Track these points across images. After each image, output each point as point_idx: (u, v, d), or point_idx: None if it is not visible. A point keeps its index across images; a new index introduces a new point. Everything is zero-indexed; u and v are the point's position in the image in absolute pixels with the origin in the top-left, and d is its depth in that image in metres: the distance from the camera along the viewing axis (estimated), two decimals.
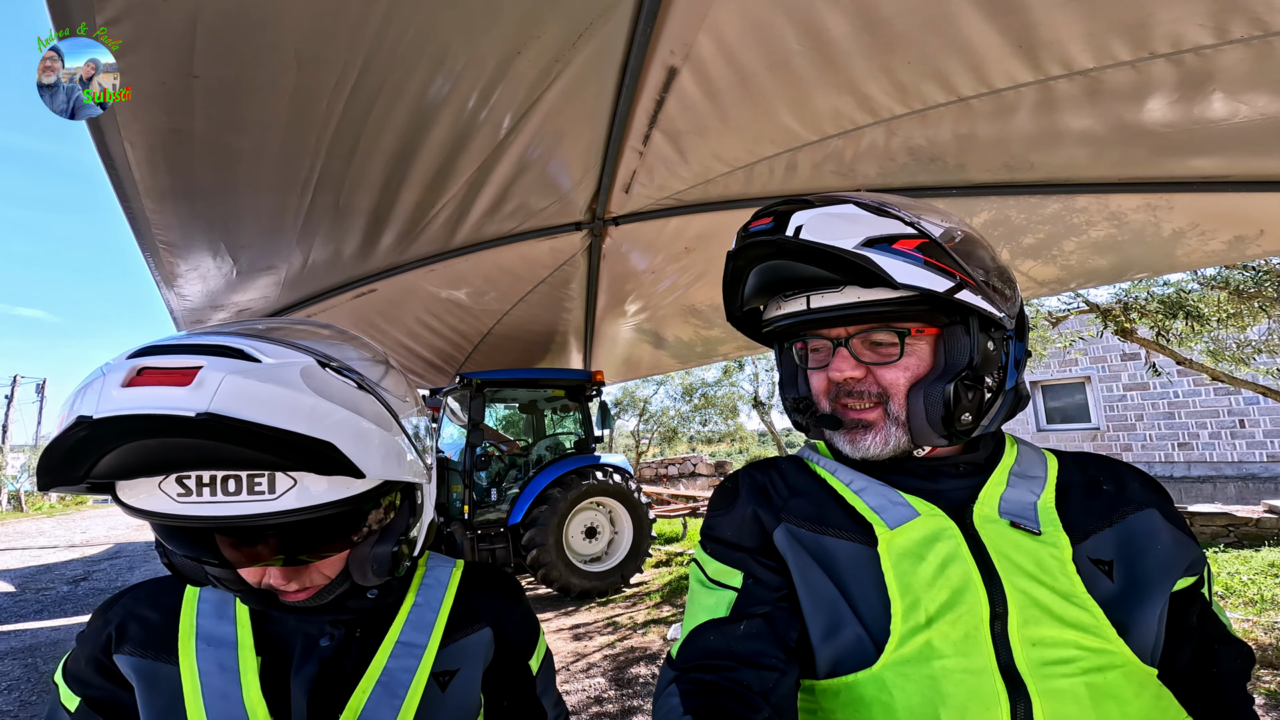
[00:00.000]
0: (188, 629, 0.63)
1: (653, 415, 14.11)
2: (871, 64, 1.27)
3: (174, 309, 2.10)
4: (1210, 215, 1.79)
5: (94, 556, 8.94)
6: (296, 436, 0.50)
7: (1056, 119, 1.35)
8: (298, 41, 1.02)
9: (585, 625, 4.49)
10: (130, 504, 0.52)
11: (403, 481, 0.63)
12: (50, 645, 4.69)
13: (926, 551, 0.59)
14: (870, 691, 0.56)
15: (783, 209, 0.64)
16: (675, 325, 3.71)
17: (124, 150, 1.19)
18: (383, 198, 1.68)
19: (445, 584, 0.74)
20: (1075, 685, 0.53)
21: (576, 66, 1.27)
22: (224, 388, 0.48)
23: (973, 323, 0.63)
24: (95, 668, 0.63)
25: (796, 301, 0.67)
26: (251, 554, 0.56)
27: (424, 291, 2.77)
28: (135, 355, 0.51)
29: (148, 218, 1.48)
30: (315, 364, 0.56)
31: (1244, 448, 8.96)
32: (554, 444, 5.82)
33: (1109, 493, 0.65)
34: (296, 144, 1.32)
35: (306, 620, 0.65)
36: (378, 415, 0.59)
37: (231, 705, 0.59)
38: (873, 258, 0.59)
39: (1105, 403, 10.21)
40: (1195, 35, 1.01)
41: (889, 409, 0.64)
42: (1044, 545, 0.59)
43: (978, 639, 0.55)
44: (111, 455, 0.48)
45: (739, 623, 0.60)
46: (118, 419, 0.46)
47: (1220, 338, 3.98)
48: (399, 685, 0.64)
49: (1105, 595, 0.57)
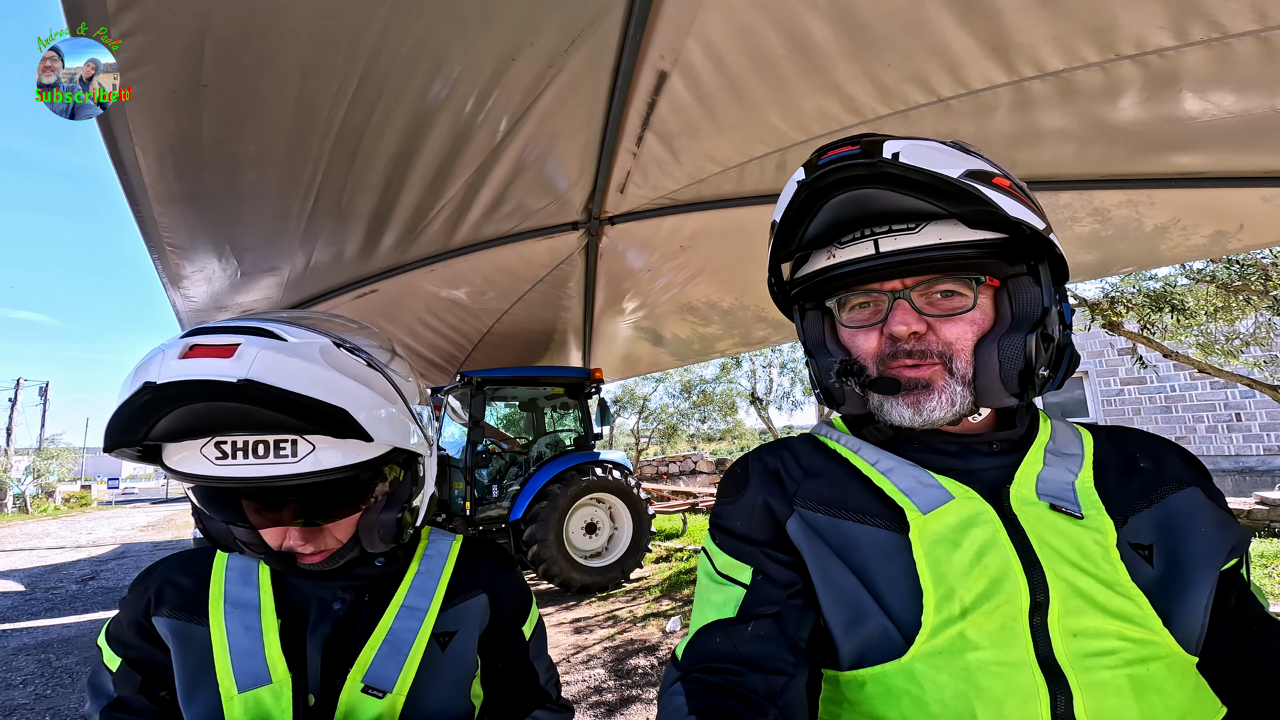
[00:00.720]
0: (217, 594, 0.70)
1: (652, 413, 14.16)
2: (854, 66, 1.31)
3: (179, 309, 2.15)
4: (1191, 210, 1.83)
5: (101, 557, 9.03)
6: (316, 402, 0.58)
7: (1033, 118, 1.40)
8: (301, 51, 1.07)
9: (585, 619, 4.55)
10: (176, 468, 0.61)
11: (406, 451, 0.70)
12: (62, 642, 4.76)
13: (962, 538, 0.54)
14: (899, 683, 0.53)
15: (869, 138, 0.58)
16: (673, 323, 3.76)
17: (135, 155, 1.24)
18: (383, 200, 1.73)
19: (445, 554, 0.81)
20: (1117, 677, 0.50)
21: (570, 71, 1.31)
22: (258, 360, 0.57)
23: (1044, 271, 0.59)
24: (136, 630, 0.69)
25: (860, 246, 0.60)
26: (274, 517, 0.64)
27: (424, 291, 2.82)
28: (186, 336, 0.60)
29: (156, 221, 1.53)
30: (331, 344, 0.64)
31: (1240, 441, 9.01)
32: (554, 441, 5.88)
33: (1147, 470, 0.61)
34: (300, 149, 1.37)
35: (321, 586, 0.72)
36: (385, 390, 0.67)
37: (255, 661, 0.66)
38: (980, 189, 0.55)
39: (1103, 397, 10.26)
40: (1157, 38, 1.05)
41: (953, 367, 0.59)
42: (1086, 530, 0.55)
43: (1015, 630, 0.51)
44: (167, 419, 0.58)
45: (747, 624, 0.57)
46: (176, 384, 0.56)
47: (1210, 331, 4.03)
48: (403, 644, 0.70)
49: (1147, 582, 0.53)
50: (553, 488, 5.09)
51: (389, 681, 0.68)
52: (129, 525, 13.66)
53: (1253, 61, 1.09)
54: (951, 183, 0.55)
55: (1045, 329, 0.57)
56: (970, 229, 0.57)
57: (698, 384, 13.33)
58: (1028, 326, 0.57)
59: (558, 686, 0.87)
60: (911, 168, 0.55)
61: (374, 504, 0.69)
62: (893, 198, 0.58)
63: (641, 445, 14.60)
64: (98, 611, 5.69)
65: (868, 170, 0.57)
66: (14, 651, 4.55)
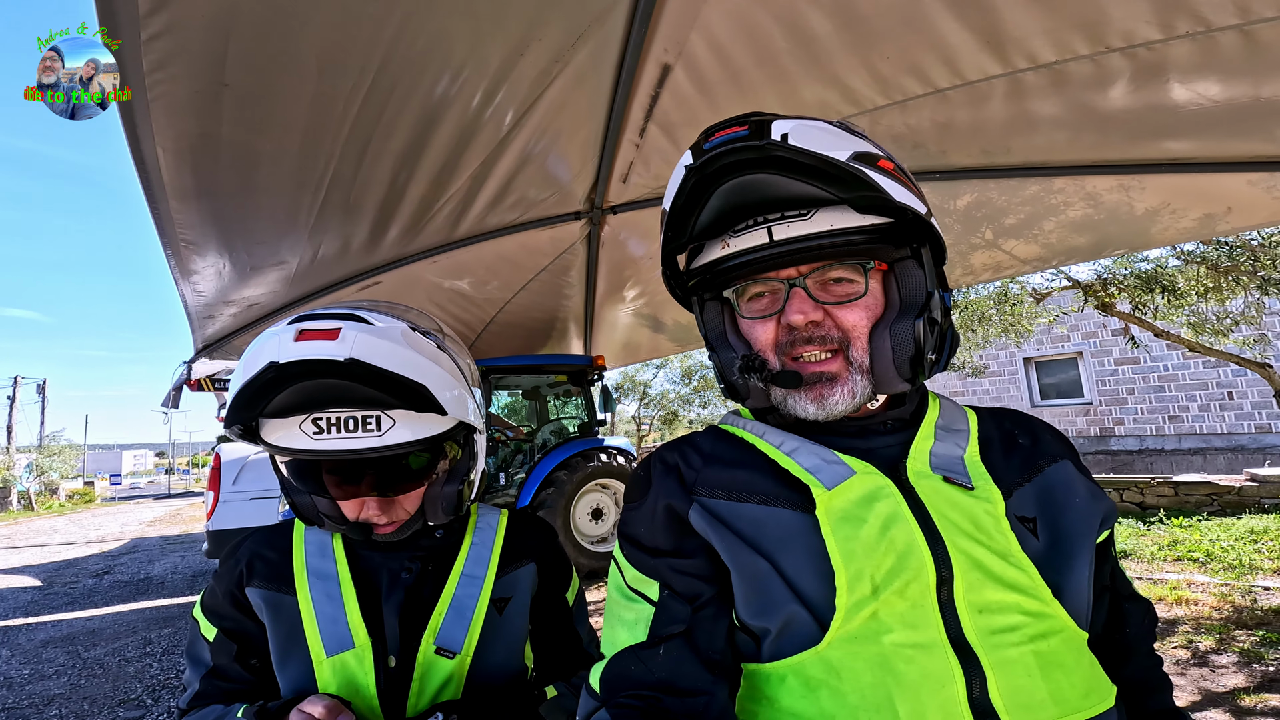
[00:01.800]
0: (300, 566, 0.77)
1: (653, 399, 14.25)
2: (853, 59, 1.35)
3: (188, 303, 2.20)
4: (1180, 194, 1.88)
5: (112, 551, 9.15)
6: (404, 379, 0.66)
7: (1028, 107, 1.44)
8: (320, 49, 1.10)
9: (595, 603, 4.65)
10: (277, 444, 0.68)
11: (468, 425, 0.78)
12: (88, 634, 4.86)
13: (866, 513, 0.54)
14: (817, 674, 0.51)
15: (758, 117, 0.56)
16: (673, 309, 3.80)
17: (156, 153, 1.28)
18: (390, 194, 1.77)
19: (495, 527, 0.88)
20: (1024, 654, 0.49)
21: (575, 65, 1.35)
22: (358, 341, 0.66)
23: (926, 255, 0.60)
24: (230, 601, 0.76)
25: (754, 235, 0.59)
26: (353, 489, 0.72)
27: (427, 282, 2.85)
28: (294, 322, 0.68)
29: (173, 217, 1.57)
30: (409, 327, 0.72)
31: (1233, 419, 9.14)
32: (558, 428, 5.95)
33: (1025, 446, 0.62)
34: (313, 145, 1.40)
35: (389, 557, 0.78)
36: (451, 369, 0.75)
37: (339, 627, 0.72)
38: (869, 173, 0.54)
39: (1098, 377, 10.36)
40: (1145, 31, 1.09)
41: (850, 355, 0.59)
42: (978, 501, 0.55)
43: (925, 608, 0.51)
44: (283, 395, 0.66)
45: (658, 648, 0.55)
46: (296, 362, 0.64)
47: (1201, 311, 4.10)
48: (467, 609, 0.77)
49: (1035, 553, 0.54)
50: (559, 474, 5.17)
51: (457, 643, 0.74)
52: (136, 521, 13.77)
53: (1236, 53, 1.13)
54: (840, 166, 0.54)
55: (930, 313, 0.58)
56: (859, 214, 0.57)
57: (698, 369, 13.40)
58: (915, 311, 0.58)
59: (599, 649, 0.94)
60: (801, 150, 0.54)
61: (437, 478, 0.77)
62: (783, 183, 0.56)
63: (643, 431, 14.71)
64: (117, 604, 5.78)
65: (756, 154, 0.55)
66: (42, 644, 4.65)
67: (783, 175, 0.56)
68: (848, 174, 0.54)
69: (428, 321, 0.82)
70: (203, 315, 2.35)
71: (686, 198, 0.60)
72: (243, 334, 2.58)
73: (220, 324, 2.46)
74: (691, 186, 0.59)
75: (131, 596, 6.06)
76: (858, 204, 0.57)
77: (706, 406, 14.21)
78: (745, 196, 0.59)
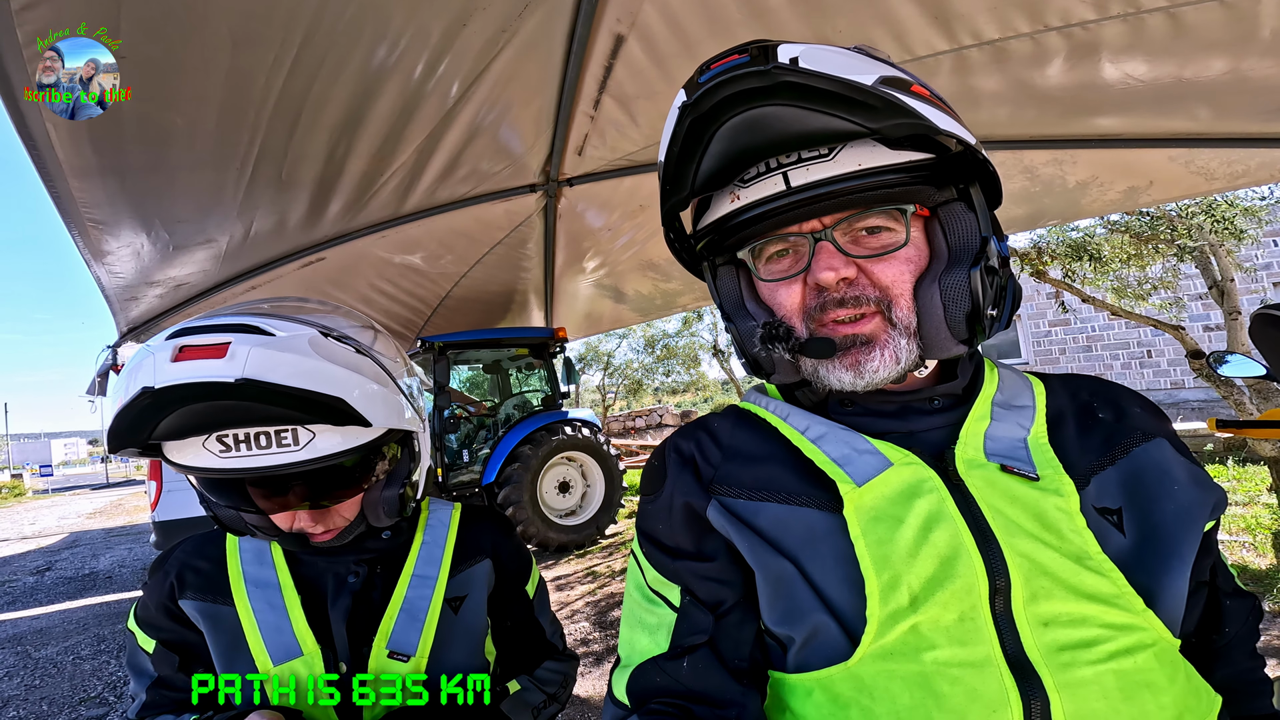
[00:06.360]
0: (236, 575, 0.73)
1: (617, 369, 14.30)
2: (806, 30, 1.34)
3: (105, 285, 2.03)
4: (1108, 169, 1.98)
5: (51, 547, 8.63)
6: (312, 394, 0.59)
7: (971, 83, 1.47)
8: (231, 21, 1.00)
9: (566, 576, 4.73)
10: (180, 462, 0.61)
11: (402, 430, 0.73)
12: (36, 634, 4.62)
13: (904, 511, 0.47)
14: (846, 691, 0.45)
15: (761, 42, 0.47)
16: (634, 280, 3.78)
17: (46, 130, 1.15)
18: (328, 168, 1.66)
19: (447, 523, 0.85)
20: (1101, 674, 0.42)
21: (524, 36, 1.28)
22: (251, 357, 0.58)
23: (976, 194, 0.51)
24: (164, 613, 0.72)
25: (767, 182, 0.50)
26: (282, 502, 0.66)
27: (376, 257, 2.73)
28: (172, 337, 0.60)
29: (74, 196, 1.43)
30: (318, 334, 0.65)
31: (1151, 376, 9.98)
32: (521, 402, 5.90)
33: (1106, 421, 0.52)
34: (234, 120, 1.29)
35: (334, 561, 0.75)
36: (375, 373, 0.68)
37: (285, 636, 0.70)
38: (902, 98, 0.44)
39: (1033, 338, 11.07)
40: (1080, 11, 1.13)
41: (892, 316, 0.50)
42: (1045, 493, 0.47)
43: (976, 622, 0.43)
44: (169, 419, 0.58)
45: (682, 659, 0.51)
46: (174, 387, 0.56)
47: (1124, 276, 4.41)
48: (419, 611, 0.75)
49: (1119, 553, 0.45)
50: (524, 449, 5.15)
51: (411, 646, 0.72)
52: (74, 513, 12.96)
53: (1162, 35, 1.19)
54: (867, 90, 0.44)
55: (988, 260, 0.49)
56: (892, 150, 0.48)
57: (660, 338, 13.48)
58: (969, 260, 0.49)
59: (563, 638, 0.94)
60: (816, 74, 0.44)
61: (376, 482, 0.72)
62: (798, 116, 0.46)
63: (608, 401, 14.80)
64: (63, 601, 5.50)
65: (762, 80, 0.45)
66: None
67: (797, 106, 0.46)
68: (877, 99, 0.44)
69: (351, 319, 0.74)
70: (124, 297, 2.17)
71: (683, 143, 0.51)
72: (174, 314, 2.41)
73: (146, 305, 2.29)
74: (688, 128, 0.50)
75: (78, 593, 5.77)
76: (891, 136, 0.46)
77: (670, 375, 14.38)
78: (753, 136, 0.49)
